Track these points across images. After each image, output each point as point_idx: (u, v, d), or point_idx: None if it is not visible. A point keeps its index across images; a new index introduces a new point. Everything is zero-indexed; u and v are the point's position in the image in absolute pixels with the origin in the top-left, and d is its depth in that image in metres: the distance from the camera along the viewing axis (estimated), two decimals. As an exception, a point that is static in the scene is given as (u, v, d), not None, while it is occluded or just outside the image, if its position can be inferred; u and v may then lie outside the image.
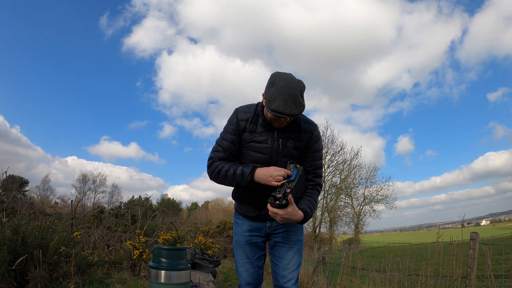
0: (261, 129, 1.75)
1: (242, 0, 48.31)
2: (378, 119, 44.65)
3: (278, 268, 1.87)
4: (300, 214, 1.64)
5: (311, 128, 1.81)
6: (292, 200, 1.60)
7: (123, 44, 46.71)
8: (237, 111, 1.81)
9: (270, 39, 44.20)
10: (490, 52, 45.27)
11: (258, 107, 1.80)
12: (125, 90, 48.31)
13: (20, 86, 43.94)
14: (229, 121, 1.82)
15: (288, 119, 1.64)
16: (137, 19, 50.83)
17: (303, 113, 1.68)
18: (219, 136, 1.85)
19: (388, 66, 47.82)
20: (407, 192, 51.31)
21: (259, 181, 1.65)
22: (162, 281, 1.74)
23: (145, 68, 46.71)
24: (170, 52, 47.55)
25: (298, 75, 1.68)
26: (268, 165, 1.72)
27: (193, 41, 47.96)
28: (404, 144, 48.76)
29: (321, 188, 1.88)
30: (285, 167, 1.70)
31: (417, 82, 44.94)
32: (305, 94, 1.66)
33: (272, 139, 1.74)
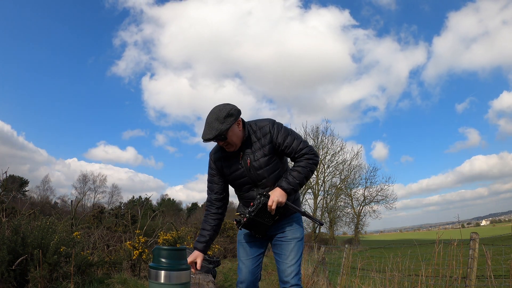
0: (231, 160, 1.95)
1: (203, 40, 52.75)
2: (354, 129, 46.32)
3: (279, 263, 2.01)
4: (278, 190, 1.82)
5: (266, 130, 1.91)
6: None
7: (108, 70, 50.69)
8: (210, 155, 2.05)
9: (237, 69, 49.27)
10: (451, 71, 48.10)
11: None
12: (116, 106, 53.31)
13: (26, 98, 48.11)
14: (209, 167, 2.06)
15: (222, 142, 1.83)
16: (118, 54, 55.02)
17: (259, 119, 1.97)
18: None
19: (355, 89, 50.05)
20: (398, 193, 52.51)
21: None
22: (162, 281, 1.74)
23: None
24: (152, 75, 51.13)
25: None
26: (253, 183, 1.93)
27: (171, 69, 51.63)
28: (379, 150, 50.01)
29: (311, 152, 1.89)
30: (267, 177, 1.89)
31: (388, 101, 47.33)
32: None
33: (241, 163, 1.92)
